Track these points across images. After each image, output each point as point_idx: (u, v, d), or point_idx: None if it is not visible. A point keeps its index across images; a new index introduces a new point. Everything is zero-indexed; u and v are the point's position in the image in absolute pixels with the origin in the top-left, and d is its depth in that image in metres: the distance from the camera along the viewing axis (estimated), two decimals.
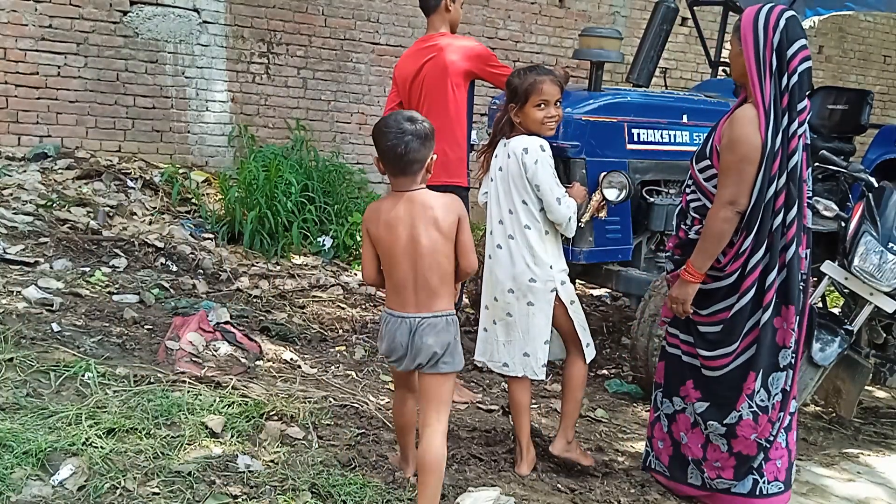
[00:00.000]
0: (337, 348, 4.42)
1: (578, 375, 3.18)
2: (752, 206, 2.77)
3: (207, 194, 6.53)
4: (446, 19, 3.94)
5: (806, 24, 5.23)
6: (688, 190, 2.99)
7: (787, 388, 2.93)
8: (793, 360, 2.93)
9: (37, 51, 6.09)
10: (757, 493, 2.97)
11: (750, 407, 2.90)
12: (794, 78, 2.75)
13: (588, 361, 3.19)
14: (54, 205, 5.41)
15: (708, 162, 2.87)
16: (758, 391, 2.89)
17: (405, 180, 2.52)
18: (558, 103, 3.04)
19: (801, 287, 2.88)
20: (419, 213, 2.50)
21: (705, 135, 2.99)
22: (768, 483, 2.97)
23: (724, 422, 2.92)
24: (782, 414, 2.95)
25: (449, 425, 3.37)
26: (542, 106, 2.99)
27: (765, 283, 2.82)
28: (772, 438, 2.94)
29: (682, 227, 3.00)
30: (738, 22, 2.83)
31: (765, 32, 2.73)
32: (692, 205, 2.96)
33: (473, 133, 4.12)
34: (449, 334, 2.54)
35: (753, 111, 2.76)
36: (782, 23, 2.73)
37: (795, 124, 2.78)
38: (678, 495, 3.11)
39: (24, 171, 5.78)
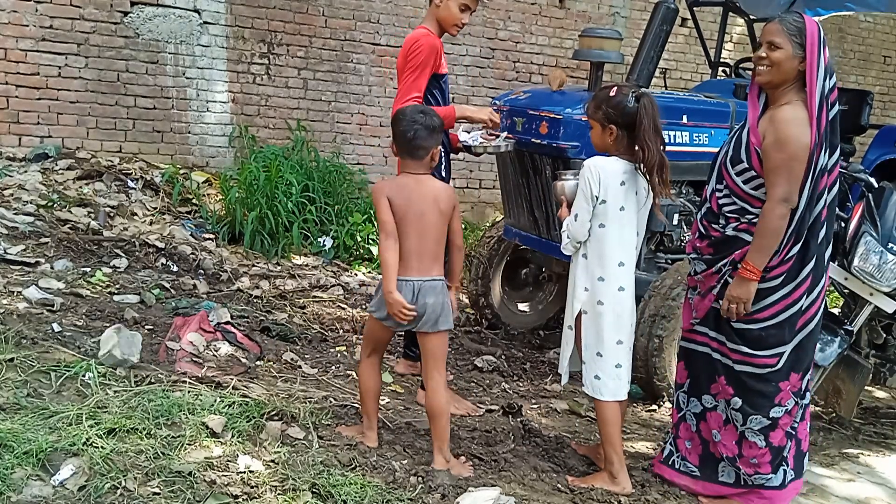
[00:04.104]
0: (337, 348, 4.42)
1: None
2: (801, 216, 2.82)
3: (208, 195, 6.53)
4: (434, 15, 3.78)
5: None
6: (718, 194, 2.99)
7: (811, 378, 3.07)
8: None
9: (37, 51, 6.10)
10: (786, 483, 3.03)
11: (794, 400, 2.97)
12: (834, 110, 2.80)
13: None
14: (55, 205, 5.41)
15: (745, 165, 2.87)
16: (803, 388, 2.99)
17: (412, 163, 2.98)
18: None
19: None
20: (427, 196, 2.96)
21: (733, 139, 2.97)
22: (790, 471, 3.04)
23: (770, 415, 2.96)
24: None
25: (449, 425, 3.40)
26: None
27: (813, 293, 2.92)
28: (796, 425, 3.01)
29: (714, 226, 2.99)
30: (792, 26, 2.77)
31: (822, 50, 2.76)
32: (725, 208, 2.97)
33: (468, 134, 3.99)
34: (444, 295, 2.99)
35: (801, 112, 2.78)
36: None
37: (835, 157, 2.85)
38: (694, 495, 3.11)
39: (25, 172, 5.78)
